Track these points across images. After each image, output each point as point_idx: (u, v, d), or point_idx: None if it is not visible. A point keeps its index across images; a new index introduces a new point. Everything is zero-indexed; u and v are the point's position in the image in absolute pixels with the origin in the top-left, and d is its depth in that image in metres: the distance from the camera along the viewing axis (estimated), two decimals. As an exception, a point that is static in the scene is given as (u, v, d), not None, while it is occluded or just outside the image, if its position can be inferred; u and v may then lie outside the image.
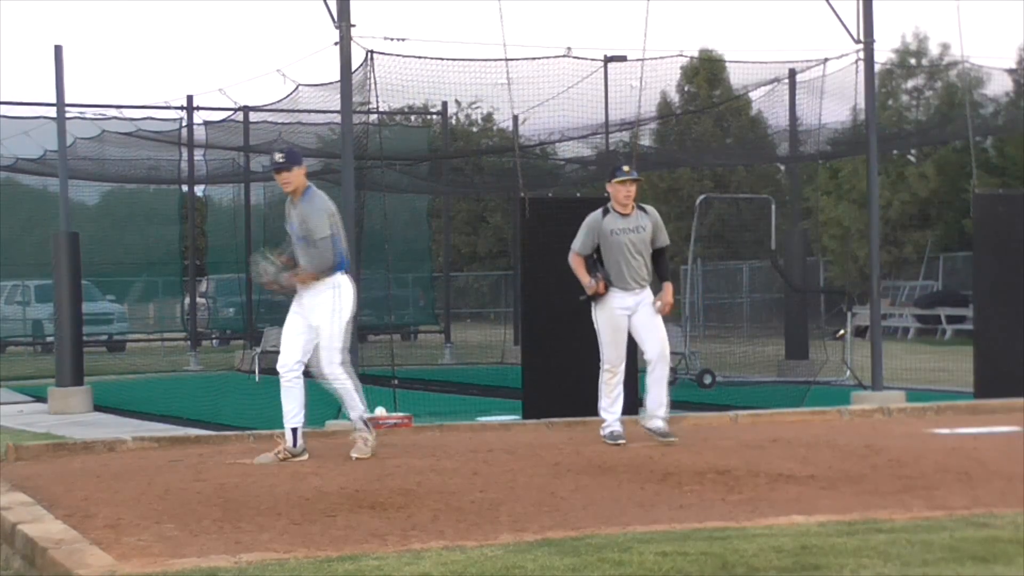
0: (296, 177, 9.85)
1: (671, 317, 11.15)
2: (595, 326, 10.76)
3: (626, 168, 10.79)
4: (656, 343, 10.67)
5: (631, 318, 10.65)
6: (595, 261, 10.73)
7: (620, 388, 10.81)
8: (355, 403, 9.92)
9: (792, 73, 23.50)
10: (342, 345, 9.81)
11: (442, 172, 31.17)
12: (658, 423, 10.73)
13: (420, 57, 19.65)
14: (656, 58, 22.02)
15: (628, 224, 10.70)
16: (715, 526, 7.09)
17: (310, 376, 9.96)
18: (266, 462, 9.59)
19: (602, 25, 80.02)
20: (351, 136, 14.82)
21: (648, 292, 10.76)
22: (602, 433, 10.73)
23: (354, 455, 9.76)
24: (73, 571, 6.11)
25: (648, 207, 10.96)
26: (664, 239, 10.86)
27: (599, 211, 10.81)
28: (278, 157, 9.84)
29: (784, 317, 25.31)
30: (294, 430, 9.79)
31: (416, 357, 28.65)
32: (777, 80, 23.69)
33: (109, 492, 8.45)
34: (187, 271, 33.57)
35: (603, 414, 10.77)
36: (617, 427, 10.67)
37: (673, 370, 14.07)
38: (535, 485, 8.61)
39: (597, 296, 10.64)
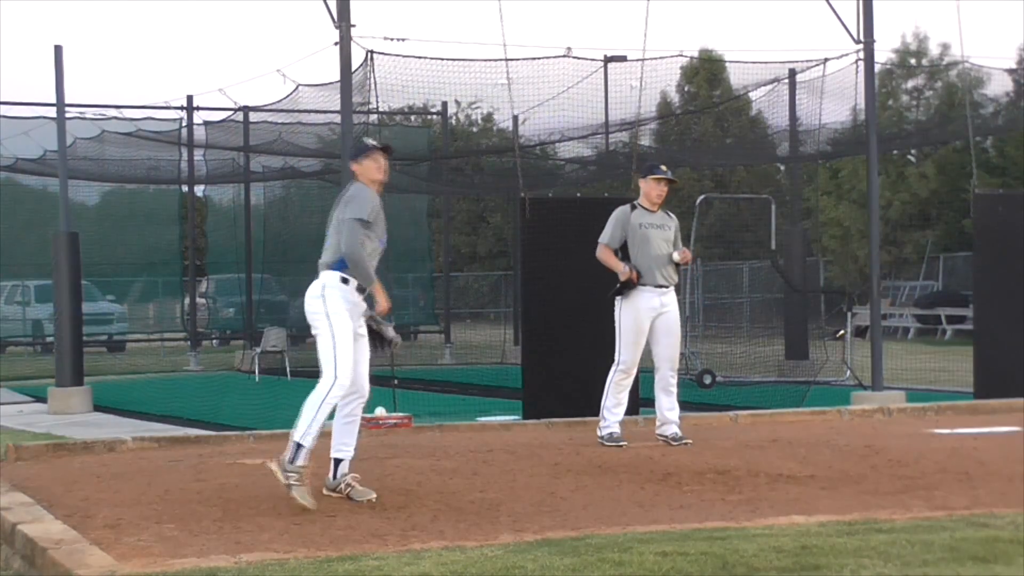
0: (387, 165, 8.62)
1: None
2: (616, 324, 10.64)
3: (664, 167, 10.81)
4: (670, 348, 10.65)
5: (655, 320, 10.61)
6: (622, 257, 10.68)
7: (628, 391, 10.77)
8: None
9: (792, 73, 23.51)
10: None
11: (442, 172, 31.16)
12: (673, 429, 10.68)
13: (420, 57, 19.69)
14: (656, 58, 22.05)
15: (656, 220, 10.72)
16: (715, 526, 7.09)
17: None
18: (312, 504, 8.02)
19: (602, 25, 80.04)
20: (351, 136, 14.81)
21: (674, 295, 10.74)
22: (601, 434, 10.61)
23: (372, 497, 8.14)
24: (73, 571, 6.11)
25: (670, 212, 10.96)
26: (680, 246, 10.87)
27: (627, 206, 10.80)
28: (371, 141, 8.57)
29: (784, 317, 25.30)
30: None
31: (416, 357, 28.65)
32: (777, 80, 23.69)
33: (109, 492, 8.45)
34: (187, 271, 33.57)
35: (606, 413, 10.63)
36: (617, 429, 10.62)
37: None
38: (535, 485, 8.61)
39: (629, 285, 10.51)
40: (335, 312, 8.19)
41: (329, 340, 8.17)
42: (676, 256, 10.71)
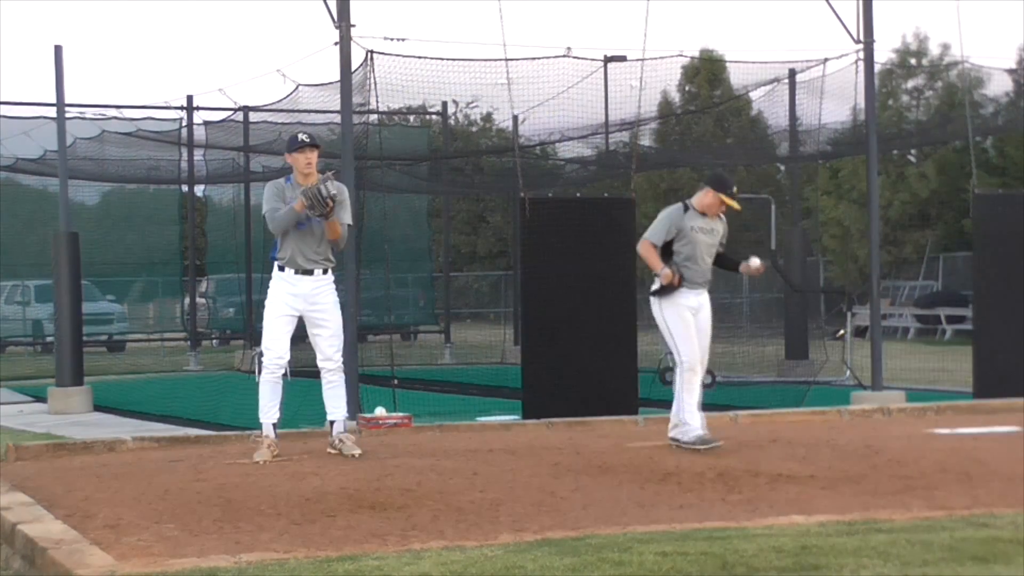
0: (316, 159, 9.71)
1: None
2: (662, 325, 10.42)
3: (736, 189, 10.47)
4: (702, 350, 10.56)
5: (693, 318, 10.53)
6: (661, 255, 10.47)
7: (700, 389, 10.49)
8: (345, 398, 10.07)
9: (792, 73, 23.50)
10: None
11: (442, 172, 31.15)
12: (699, 432, 10.37)
13: (420, 57, 19.64)
14: (656, 58, 22.01)
15: (706, 224, 10.49)
16: (715, 526, 7.09)
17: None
18: (263, 459, 9.63)
19: (602, 25, 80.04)
20: (351, 136, 14.82)
21: (707, 297, 10.60)
22: (686, 439, 10.20)
23: (356, 452, 9.77)
24: (73, 571, 6.11)
25: (722, 215, 10.71)
26: (724, 243, 10.68)
27: (679, 206, 10.54)
28: (304, 137, 9.65)
29: (784, 317, 25.30)
30: (274, 424, 9.85)
31: (416, 357, 28.65)
32: (777, 80, 23.68)
33: (109, 492, 8.45)
34: (187, 271, 33.56)
35: (686, 417, 10.28)
36: (704, 431, 10.26)
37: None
38: (535, 485, 8.61)
39: (670, 289, 10.31)
40: (268, 300, 9.77)
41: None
42: (756, 263, 10.44)
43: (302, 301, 9.66)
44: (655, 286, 10.46)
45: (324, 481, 8.69)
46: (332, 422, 9.94)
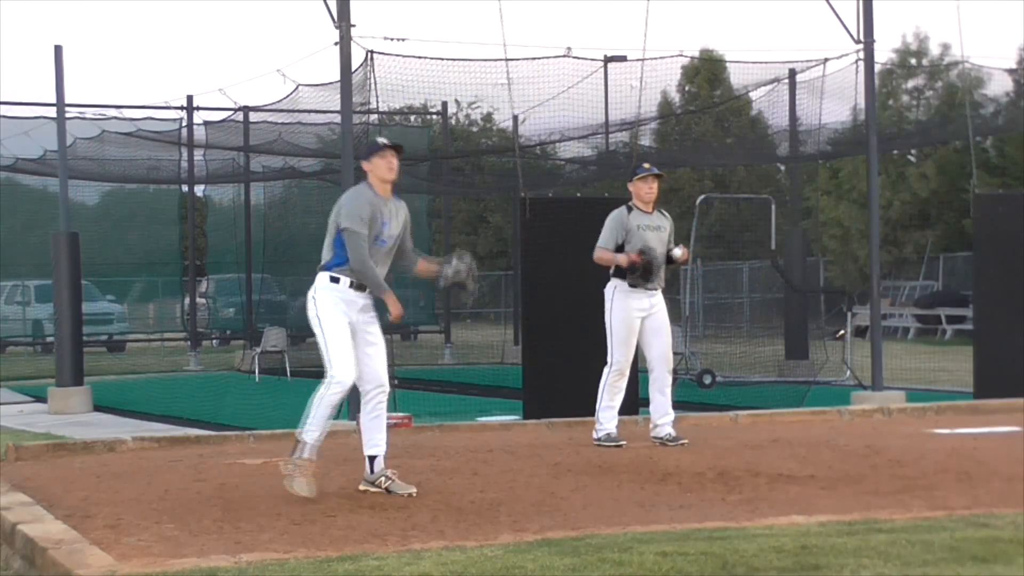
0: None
1: (671, 317, 11.14)
2: (607, 326, 10.66)
3: (647, 165, 10.83)
4: (661, 347, 10.66)
5: (644, 321, 10.63)
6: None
7: (623, 392, 10.77)
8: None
9: (792, 73, 23.49)
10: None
11: (442, 172, 31.16)
12: (667, 430, 10.68)
13: (420, 57, 19.65)
14: (656, 58, 22.01)
15: (651, 222, 10.73)
16: (715, 526, 7.08)
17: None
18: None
19: (602, 25, 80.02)
20: (351, 136, 14.81)
21: (661, 296, 10.76)
22: (597, 435, 10.60)
23: (412, 491, 8.33)
24: (73, 571, 6.11)
25: (665, 212, 10.97)
26: (673, 245, 10.90)
27: (623, 208, 10.78)
28: (388, 140, 8.59)
29: (784, 317, 25.31)
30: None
31: (416, 357, 28.66)
32: (777, 80, 23.68)
33: (109, 492, 8.45)
34: (187, 271, 33.56)
35: (600, 416, 10.65)
36: (614, 430, 10.63)
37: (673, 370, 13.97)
38: (535, 485, 8.61)
39: (635, 269, 10.44)
40: (324, 313, 8.41)
41: (322, 340, 8.42)
42: (678, 252, 10.74)
43: (357, 311, 8.53)
44: (609, 286, 10.63)
45: (324, 481, 8.68)
46: (373, 458, 8.46)
